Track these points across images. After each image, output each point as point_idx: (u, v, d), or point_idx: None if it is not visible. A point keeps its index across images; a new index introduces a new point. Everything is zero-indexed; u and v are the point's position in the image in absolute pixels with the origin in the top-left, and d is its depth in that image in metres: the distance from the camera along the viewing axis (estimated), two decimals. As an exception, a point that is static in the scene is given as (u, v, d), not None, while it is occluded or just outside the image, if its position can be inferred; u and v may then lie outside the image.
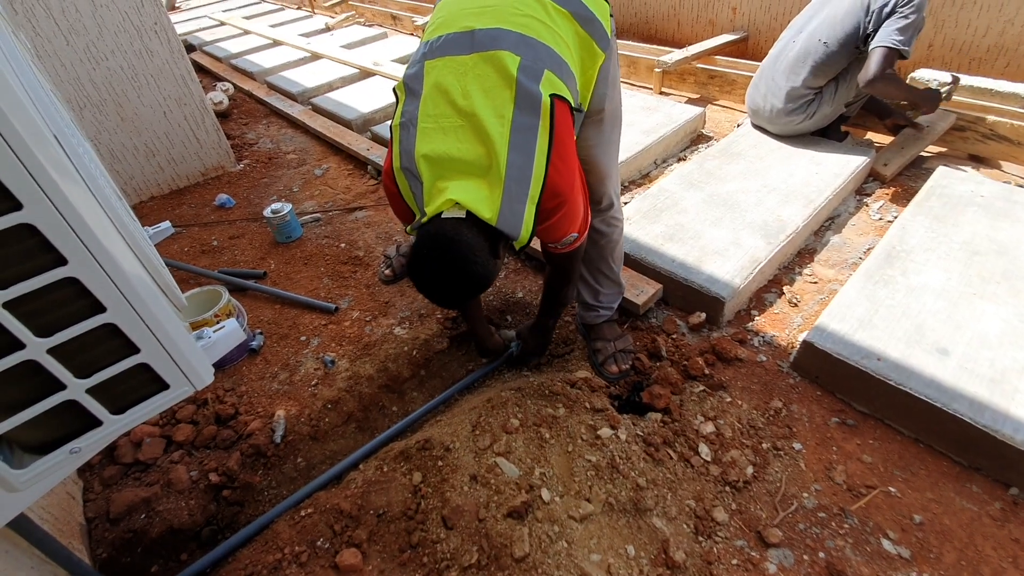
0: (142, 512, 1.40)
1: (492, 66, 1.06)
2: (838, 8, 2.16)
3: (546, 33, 1.10)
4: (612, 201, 1.51)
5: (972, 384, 1.36)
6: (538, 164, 1.05)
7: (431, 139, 1.07)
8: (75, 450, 0.79)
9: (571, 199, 1.13)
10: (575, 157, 1.15)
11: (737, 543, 1.25)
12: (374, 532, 1.26)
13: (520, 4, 1.11)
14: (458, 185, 1.05)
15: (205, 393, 1.68)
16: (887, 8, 2.00)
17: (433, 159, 1.07)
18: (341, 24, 5.49)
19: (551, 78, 1.07)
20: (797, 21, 2.38)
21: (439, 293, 1.08)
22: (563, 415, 1.46)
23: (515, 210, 1.05)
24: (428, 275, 1.05)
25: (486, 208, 1.04)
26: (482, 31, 1.08)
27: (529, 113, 1.04)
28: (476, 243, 1.03)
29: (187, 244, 2.51)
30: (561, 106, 1.07)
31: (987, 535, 1.23)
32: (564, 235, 1.19)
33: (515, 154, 1.03)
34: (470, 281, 1.05)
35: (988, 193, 2.01)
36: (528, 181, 1.05)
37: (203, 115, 2.95)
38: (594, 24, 1.18)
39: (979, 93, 2.53)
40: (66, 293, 0.69)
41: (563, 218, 1.13)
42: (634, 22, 4.21)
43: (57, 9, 2.36)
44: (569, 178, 1.11)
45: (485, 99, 1.05)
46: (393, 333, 1.90)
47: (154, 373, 0.80)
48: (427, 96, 1.09)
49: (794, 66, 2.28)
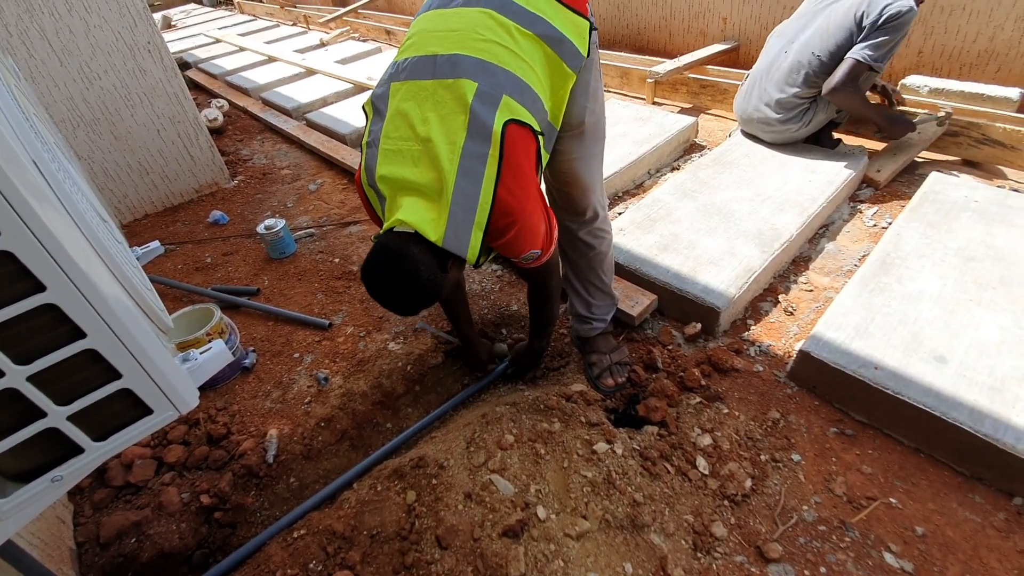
0: (132, 536, 1.38)
1: (450, 93, 1.09)
2: (831, 21, 2.16)
3: (508, 58, 1.12)
4: (598, 212, 1.51)
5: (971, 392, 1.35)
6: (485, 191, 1.07)
7: (390, 161, 1.12)
8: (57, 478, 0.78)
9: (523, 218, 1.14)
10: (531, 178, 1.16)
11: (736, 559, 1.23)
12: (367, 553, 1.24)
13: (483, 29, 1.13)
14: (409, 205, 1.09)
15: (197, 413, 1.66)
16: (876, 23, 2.00)
17: (391, 180, 1.11)
18: (336, 40, 5.53)
19: (509, 103, 1.09)
20: (786, 30, 2.39)
21: (386, 301, 1.12)
22: (558, 430, 1.44)
23: (460, 236, 1.09)
24: (375, 284, 1.10)
25: (432, 231, 1.07)
26: (443, 57, 1.11)
27: (480, 141, 1.07)
28: (422, 258, 1.07)
29: (180, 261, 2.50)
30: (516, 131, 1.09)
31: (991, 547, 1.21)
32: (523, 251, 1.20)
33: (463, 180, 1.06)
34: (414, 292, 1.09)
35: (982, 198, 2.00)
36: (474, 209, 1.08)
37: (197, 132, 2.96)
38: (563, 44, 1.18)
39: (971, 98, 2.54)
40: (46, 319, 0.68)
41: (518, 235, 1.15)
42: (626, 33, 4.24)
43: (51, 31, 2.38)
44: (522, 198, 1.12)
45: (440, 126, 1.08)
46: (387, 348, 1.88)
47: (137, 398, 0.78)
48: (390, 118, 1.14)
49: (788, 76, 2.29)
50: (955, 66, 2.81)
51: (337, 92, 4.01)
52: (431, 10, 1.21)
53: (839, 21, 2.13)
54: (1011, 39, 2.57)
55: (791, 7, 3.17)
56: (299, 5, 7.47)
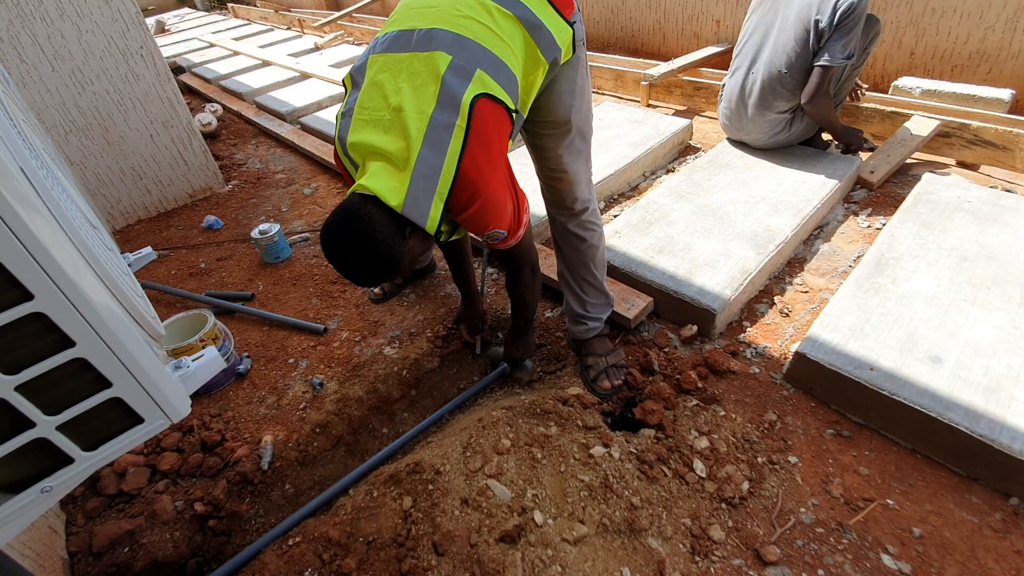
0: (126, 545, 1.37)
1: (424, 65, 1.10)
2: (786, 35, 2.14)
3: (485, 35, 1.13)
4: (587, 205, 1.52)
5: (967, 393, 1.35)
6: (448, 162, 1.08)
7: (361, 130, 1.13)
8: (47, 489, 0.77)
9: (487, 193, 1.14)
10: (499, 154, 1.17)
11: (735, 562, 1.22)
12: (364, 560, 1.23)
13: (462, 5, 1.15)
14: (374, 171, 1.10)
15: (191, 420, 1.65)
16: (835, 23, 1.99)
17: (360, 147, 1.13)
18: (330, 43, 5.53)
19: (483, 78, 1.10)
20: (746, 49, 2.34)
21: (341, 265, 1.11)
22: (555, 434, 1.44)
23: (420, 204, 1.09)
24: (331, 245, 1.09)
25: (392, 197, 1.08)
26: (422, 31, 1.13)
27: (449, 111, 1.08)
28: (379, 220, 1.07)
29: (174, 267, 2.48)
30: (487, 105, 1.10)
31: (989, 547, 1.21)
32: (487, 228, 1.20)
33: (427, 150, 1.07)
34: (370, 255, 1.08)
35: (975, 198, 2.01)
36: (436, 178, 1.09)
37: (190, 137, 2.95)
38: (541, 31, 1.20)
39: (962, 99, 2.55)
40: (34, 329, 0.67)
41: (481, 210, 1.15)
42: (620, 36, 4.25)
43: (43, 36, 2.36)
44: (487, 172, 1.13)
45: (413, 96, 1.09)
46: (383, 353, 1.88)
47: (128, 407, 0.77)
48: (365, 89, 1.16)
49: (762, 97, 2.28)
50: (947, 68, 2.83)
51: (331, 96, 4.00)
52: None
53: (792, 33, 2.11)
54: (1001, 40, 2.59)
55: (784, 9, 3.19)
56: (293, 9, 7.46)
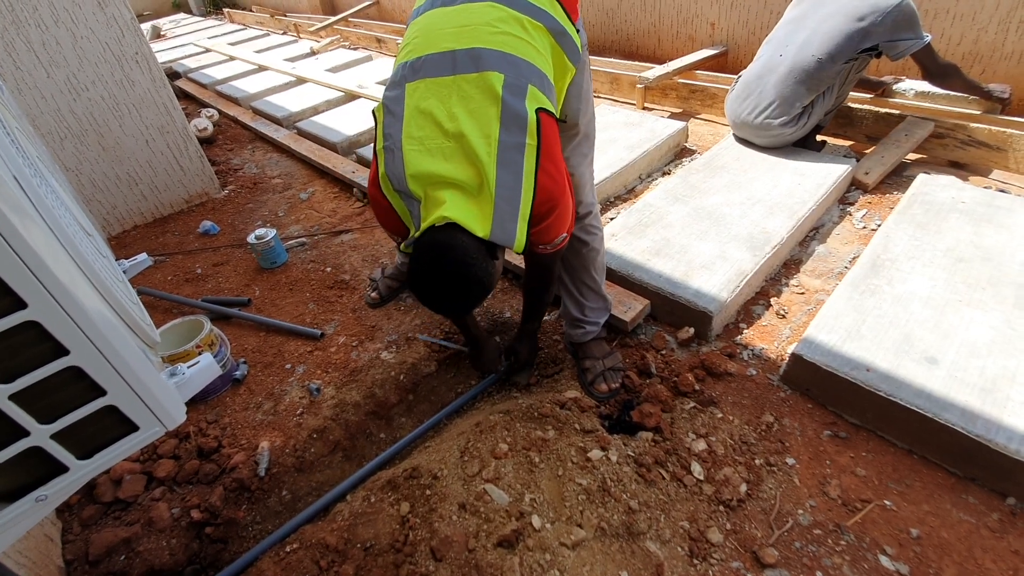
0: (122, 553, 1.36)
1: (476, 87, 1.07)
2: (830, 24, 2.19)
3: (526, 48, 1.12)
4: (590, 209, 1.53)
5: (963, 393, 1.35)
6: (527, 182, 1.07)
7: (420, 161, 1.08)
8: (41, 498, 0.76)
9: (562, 202, 1.15)
10: (563, 161, 1.18)
11: (733, 564, 1.22)
12: (361, 566, 1.23)
13: (497, 22, 1.12)
14: (451, 201, 1.06)
15: (187, 426, 1.65)
16: (895, 19, 2.08)
17: (423, 178, 1.08)
18: (326, 48, 5.53)
19: (535, 92, 1.09)
20: (776, 36, 2.41)
21: (442, 300, 1.08)
22: (553, 437, 1.44)
23: (506, 228, 1.07)
24: (429, 283, 1.06)
25: (478, 226, 1.06)
26: (463, 51, 1.09)
27: (515, 131, 1.06)
28: (472, 246, 1.05)
29: (171, 272, 2.48)
30: (546, 118, 1.09)
31: (986, 547, 1.21)
32: (556, 236, 1.21)
33: (504, 172, 1.05)
34: (470, 283, 1.06)
35: (969, 199, 2.02)
36: (518, 200, 1.07)
37: (186, 142, 2.94)
38: (566, 38, 1.20)
39: (956, 100, 2.57)
40: (27, 337, 0.67)
41: (556, 220, 1.16)
42: (616, 39, 4.26)
43: (38, 42, 2.36)
44: (560, 181, 1.13)
45: (471, 120, 1.06)
46: (380, 358, 1.87)
47: (122, 415, 0.77)
48: (409, 118, 1.10)
49: (785, 80, 2.30)
50: (940, 69, 2.84)
51: (328, 100, 4.00)
52: (433, 9, 1.20)
53: (840, 27, 2.16)
54: (994, 41, 2.60)
55: (778, 12, 3.20)
56: (289, 14, 7.46)
